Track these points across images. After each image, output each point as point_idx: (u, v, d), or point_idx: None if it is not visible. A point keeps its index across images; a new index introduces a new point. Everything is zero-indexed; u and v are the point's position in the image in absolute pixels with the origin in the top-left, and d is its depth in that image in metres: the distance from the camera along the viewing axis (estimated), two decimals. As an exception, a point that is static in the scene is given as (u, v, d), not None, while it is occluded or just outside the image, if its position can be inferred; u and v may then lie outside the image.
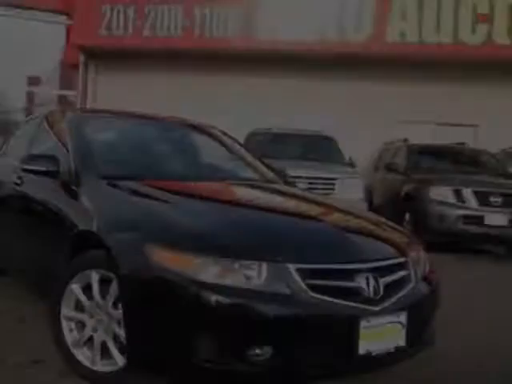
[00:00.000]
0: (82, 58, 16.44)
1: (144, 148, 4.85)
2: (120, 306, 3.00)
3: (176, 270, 2.75)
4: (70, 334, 3.29)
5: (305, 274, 2.78)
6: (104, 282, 3.16)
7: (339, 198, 8.19)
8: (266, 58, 15.57)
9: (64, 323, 3.30)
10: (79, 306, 3.29)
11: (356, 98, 16.07)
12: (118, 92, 16.58)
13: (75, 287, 3.26)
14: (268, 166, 5.11)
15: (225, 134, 5.54)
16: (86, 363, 3.18)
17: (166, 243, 2.84)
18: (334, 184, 8.98)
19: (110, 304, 3.09)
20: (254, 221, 3.34)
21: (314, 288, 2.77)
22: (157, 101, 16.28)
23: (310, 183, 8.60)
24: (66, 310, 3.30)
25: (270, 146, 10.54)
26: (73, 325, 3.30)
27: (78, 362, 3.21)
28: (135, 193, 3.56)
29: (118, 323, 3.05)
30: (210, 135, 5.43)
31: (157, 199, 3.45)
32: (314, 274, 2.82)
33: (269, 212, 3.78)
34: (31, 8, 16.37)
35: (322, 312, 2.77)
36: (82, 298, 3.24)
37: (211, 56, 15.73)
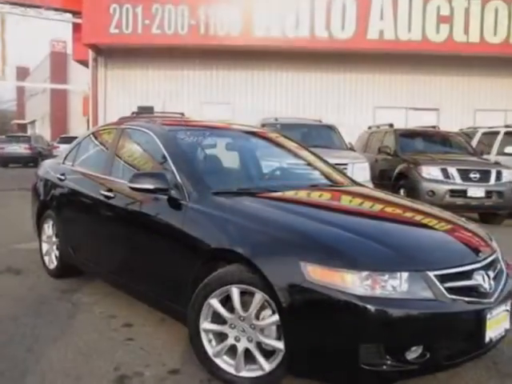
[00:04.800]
0: (91, 55, 16.64)
1: (240, 160, 5.06)
2: (262, 315, 3.30)
3: (332, 285, 3.01)
4: (209, 345, 3.53)
5: (441, 278, 3.15)
6: (243, 294, 3.39)
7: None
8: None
9: (203, 335, 3.53)
10: (217, 318, 3.50)
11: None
12: (127, 87, 16.92)
13: (214, 302, 3.47)
14: (333, 167, 5.38)
15: (288, 138, 5.70)
16: (230, 370, 3.44)
17: (320, 260, 3.09)
18: (346, 169, 9.67)
19: (253, 315, 3.33)
20: (388, 232, 3.62)
21: (449, 290, 3.13)
22: (165, 96, 16.78)
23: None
24: (206, 324, 3.52)
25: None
26: (211, 335, 3.54)
27: (222, 370, 3.47)
28: (268, 206, 3.79)
29: (262, 332, 3.32)
30: (276, 142, 5.56)
31: (291, 212, 3.68)
32: (447, 277, 3.19)
33: (390, 221, 3.98)
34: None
35: (459, 310, 3.15)
36: (222, 311, 3.46)
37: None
